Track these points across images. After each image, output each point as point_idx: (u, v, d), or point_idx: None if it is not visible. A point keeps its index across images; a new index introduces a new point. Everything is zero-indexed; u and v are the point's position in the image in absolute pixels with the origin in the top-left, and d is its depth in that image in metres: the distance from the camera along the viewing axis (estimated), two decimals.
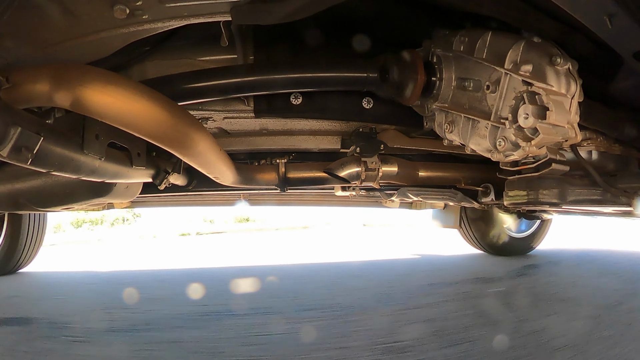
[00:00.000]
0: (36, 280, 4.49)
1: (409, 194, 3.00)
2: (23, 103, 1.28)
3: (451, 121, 1.89)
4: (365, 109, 2.16)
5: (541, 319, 2.48)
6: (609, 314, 2.56)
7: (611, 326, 2.31)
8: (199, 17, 1.50)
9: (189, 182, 2.54)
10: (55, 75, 1.26)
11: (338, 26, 2.02)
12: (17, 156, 1.16)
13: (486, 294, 3.28)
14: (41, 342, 2.25)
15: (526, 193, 2.23)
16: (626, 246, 5.97)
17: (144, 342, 2.24)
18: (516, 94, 1.58)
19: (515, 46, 1.58)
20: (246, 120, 2.28)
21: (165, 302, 3.17)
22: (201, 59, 2.00)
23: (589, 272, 4.23)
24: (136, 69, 1.96)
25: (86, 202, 2.10)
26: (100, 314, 2.85)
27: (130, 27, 1.48)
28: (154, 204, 4.48)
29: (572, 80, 1.58)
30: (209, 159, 1.83)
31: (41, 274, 4.80)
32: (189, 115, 1.55)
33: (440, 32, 1.88)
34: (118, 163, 1.71)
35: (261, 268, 5.07)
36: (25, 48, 1.47)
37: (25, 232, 4.50)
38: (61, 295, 3.66)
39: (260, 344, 2.17)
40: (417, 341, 2.13)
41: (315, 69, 1.82)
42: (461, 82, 1.79)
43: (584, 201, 2.23)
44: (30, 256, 4.76)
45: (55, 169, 1.38)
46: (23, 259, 4.65)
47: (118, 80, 1.32)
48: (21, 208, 2.11)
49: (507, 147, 1.65)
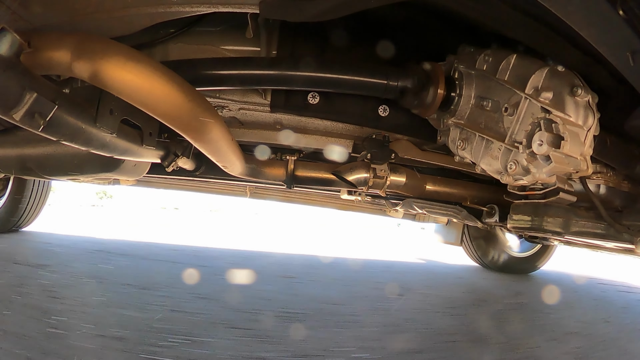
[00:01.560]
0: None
1: (415, 205, 3.00)
2: (42, 69, 1.28)
3: (465, 138, 1.89)
4: (382, 116, 2.16)
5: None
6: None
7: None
8: (227, 5, 1.50)
9: (196, 167, 2.54)
10: (77, 45, 1.26)
11: (365, 30, 2.02)
12: (29, 121, 1.17)
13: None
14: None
15: (530, 219, 2.22)
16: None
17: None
18: (533, 119, 1.57)
19: (539, 72, 1.58)
20: (261, 114, 2.28)
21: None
22: (224, 48, 2.00)
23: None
24: (159, 49, 1.96)
25: (93, 175, 2.10)
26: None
27: (159, 8, 1.48)
28: (159, 185, 4.49)
29: (591, 113, 1.57)
30: (220, 147, 1.83)
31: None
32: (206, 101, 1.55)
33: (466, 49, 1.88)
34: (129, 140, 1.71)
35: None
36: (54, 15, 1.47)
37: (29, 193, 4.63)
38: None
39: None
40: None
41: (337, 70, 1.81)
42: (480, 101, 1.79)
43: (587, 233, 2.22)
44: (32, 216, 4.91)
45: (66, 139, 1.38)
46: (25, 217, 4.81)
47: (139, 58, 1.32)
48: (28, 173, 2.12)
49: (517, 171, 1.65)
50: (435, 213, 3.12)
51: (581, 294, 4.54)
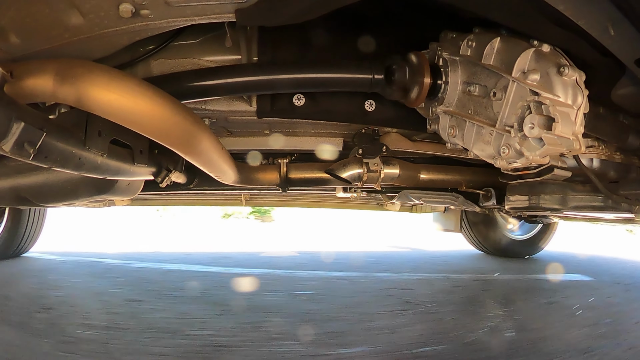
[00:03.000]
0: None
1: (411, 196, 3.00)
2: (27, 98, 1.27)
3: (455, 125, 1.89)
4: (368, 111, 2.15)
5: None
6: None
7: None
8: (203, 17, 1.49)
9: (190, 180, 2.54)
10: (59, 70, 1.26)
11: (345, 28, 2.01)
12: (19, 151, 1.16)
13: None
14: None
15: (527, 198, 2.23)
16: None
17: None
18: (523, 102, 1.56)
19: (524, 54, 1.57)
20: (249, 120, 2.28)
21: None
22: (206, 59, 1.99)
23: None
24: (141, 67, 1.95)
25: (88, 199, 2.10)
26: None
27: (136, 26, 1.47)
28: (155, 202, 4.48)
29: (579, 91, 1.56)
30: (210, 158, 1.83)
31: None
32: (192, 114, 1.55)
33: (448, 35, 1.86)
34: (120, 160, 1.71)
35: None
36: (32, 44, 1.46)
37: (26, 220, 4.62)
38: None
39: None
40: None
41: (320, 70, 1.80)
42: (467, 87, 1.78)
43: (585, 207, 2.23)
44: (31, 241, 4.89)
45: (57, 165, 1.38)
46: (24, 244, 4.79)
47: (122, 78, 1.32)
48: (23, 203, 2.12)
49: (511, 155, 1.64)
50: (432, 202, 3.12)
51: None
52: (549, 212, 2.31)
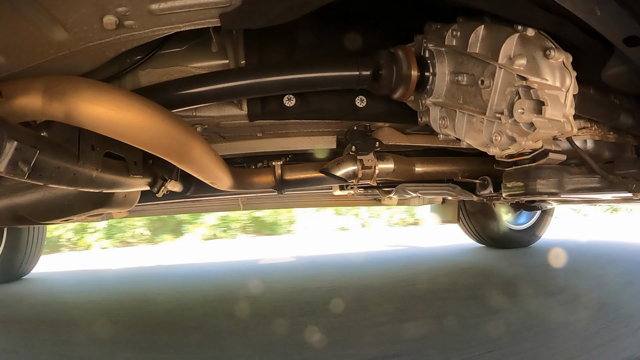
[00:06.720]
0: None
1: (408, 189, 3.00)
2: (18, 117, 1.28)
3: (446, 116, 1.89)
4: (359, 107, 2.15)
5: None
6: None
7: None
8: (188, 24, 1.49)
9: (186, 188, 2.54)
10: (46, 88, 1.26)
11: (330, 26, 2.02)
12: (14, 170, 1.17)
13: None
14: None
15: (524, 184, 2.23)
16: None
17: None
18: (511, 88, 1.56)
19: (509, 40, 1.56)
20: (241, 124, 2.28)
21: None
22: (193, 66, 1.98)
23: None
24: (129, 78, 1.95)
25: (85, 214, 2.10)
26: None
27: (121, 37, 1.47)
28: (152, 212, 4.48)
29: (567, 73, 1.56)
30: (204, 165, 1.83)
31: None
32: (183, 122, 1.55)
33: (432, 26, 1.86)
34: (115, 173, 1.71)
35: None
36: (18, 63, 1.46)
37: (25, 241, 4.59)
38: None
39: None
40: None
41: (307, 70, 1.80)
42: (455, 77, 1.78)
43: (582, 189, 2.23)
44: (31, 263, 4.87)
45: (52, 182, 1.38)
46: (24, 266, 4.77)
47: (110, 91, 1.32)
48: (21, 222, 2.11)
49: (503, 142, 1.64)
50: (429, 194, 3.12)
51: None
52: (547, 196, 2.30)
